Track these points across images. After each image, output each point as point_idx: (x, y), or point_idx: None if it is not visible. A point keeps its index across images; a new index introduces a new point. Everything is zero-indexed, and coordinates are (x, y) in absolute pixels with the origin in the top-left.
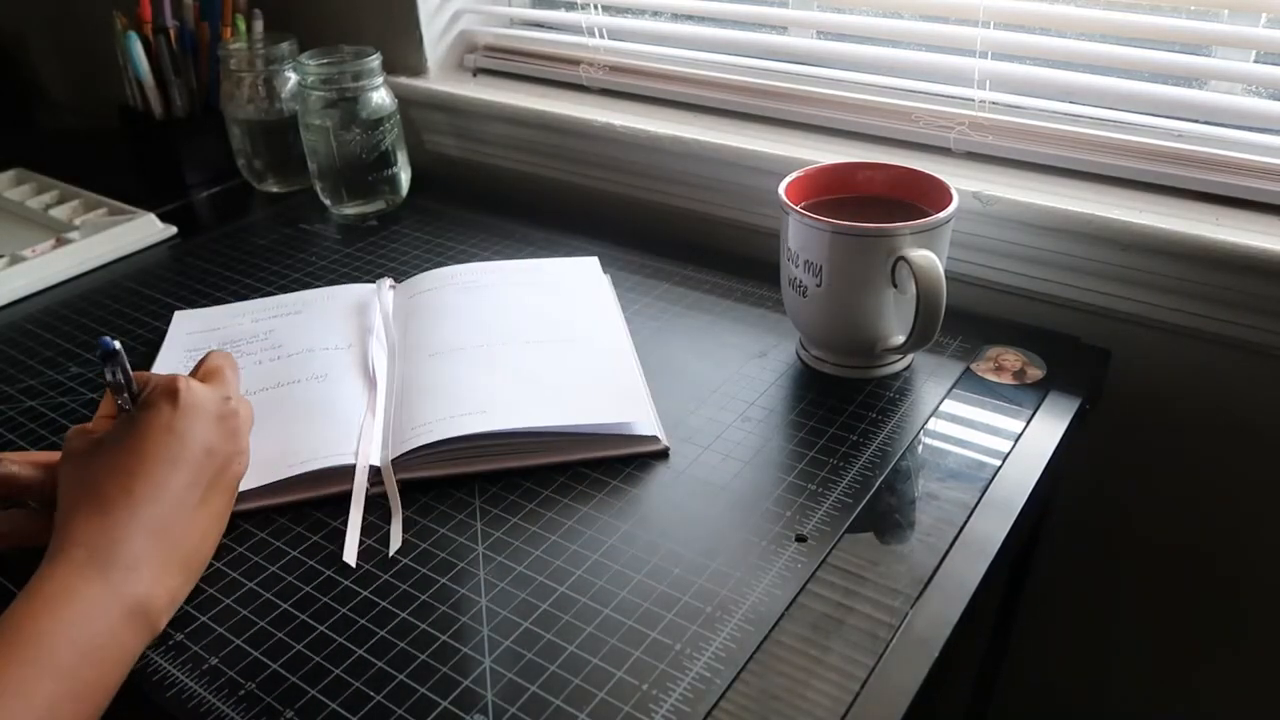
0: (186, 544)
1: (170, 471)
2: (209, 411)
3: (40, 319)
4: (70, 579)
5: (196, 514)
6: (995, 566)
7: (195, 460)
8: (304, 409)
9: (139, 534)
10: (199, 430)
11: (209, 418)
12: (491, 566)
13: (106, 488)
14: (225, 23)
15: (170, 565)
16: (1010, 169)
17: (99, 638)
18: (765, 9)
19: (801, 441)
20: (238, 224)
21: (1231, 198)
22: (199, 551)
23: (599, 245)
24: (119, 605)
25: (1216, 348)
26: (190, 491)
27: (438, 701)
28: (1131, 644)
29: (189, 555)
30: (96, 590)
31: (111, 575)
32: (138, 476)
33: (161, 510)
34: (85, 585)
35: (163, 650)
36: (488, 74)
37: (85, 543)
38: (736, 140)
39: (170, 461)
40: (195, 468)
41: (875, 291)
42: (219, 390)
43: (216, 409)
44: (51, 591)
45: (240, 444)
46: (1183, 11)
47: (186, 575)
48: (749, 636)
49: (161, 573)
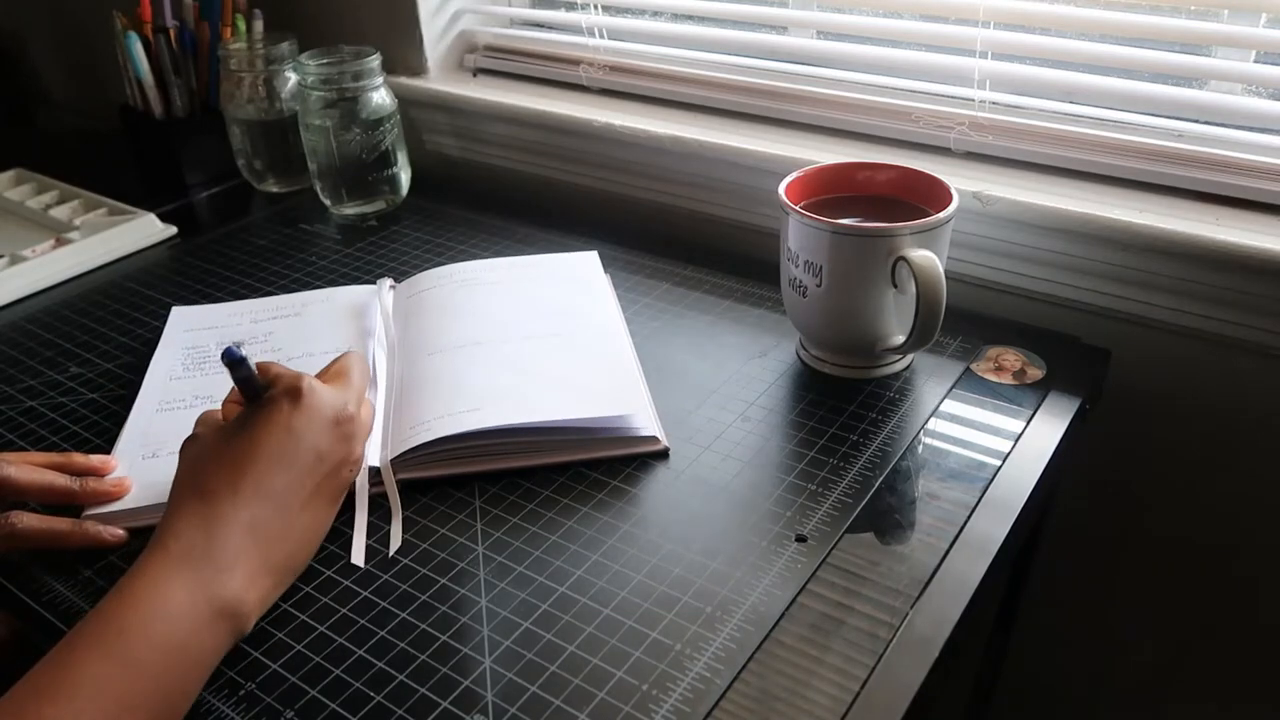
0: (285, 546)
1: (279, 471)
2: (326, 415)
3: (40, 319)
4: (160, 575)
5: (299, 517)
6: (995, 566)
7: (305, 463)
8: None
9: (238, 532)
10: (313, 433)
11: (326, 421)
12: (491, 567)
13: (214, 481)
14: (225, 23)
15: (265, 567)
16: (1010, 169)
17: (182, 636)
18: (765, 9)
19: (801, 441)
20: (238, 224)
21: (1231, 198)
22: (296, 555)
23: (599, 245)
24: (208, 605)
25: (1216, 348)
26: (295, 494)
27: (438, 702)
28: (1131, 643)
29: (286, 558)
30: (186, 588)
31: (204, 572)
32: (246, 474)
33: (264, 511)
34: (175, 582)
35: None
36: (488, 74)
37: (183, 535)
38: (736, 140)
39: (280, 460)
40: (303, 470)
41: (875, 291)
42: (342, 394)
43: (335, 413)
44: (140, 586)
45: (354, 451)
46: (1183, 11)
47: (280, 578)
48: (749, 636)
49: (256, 574)
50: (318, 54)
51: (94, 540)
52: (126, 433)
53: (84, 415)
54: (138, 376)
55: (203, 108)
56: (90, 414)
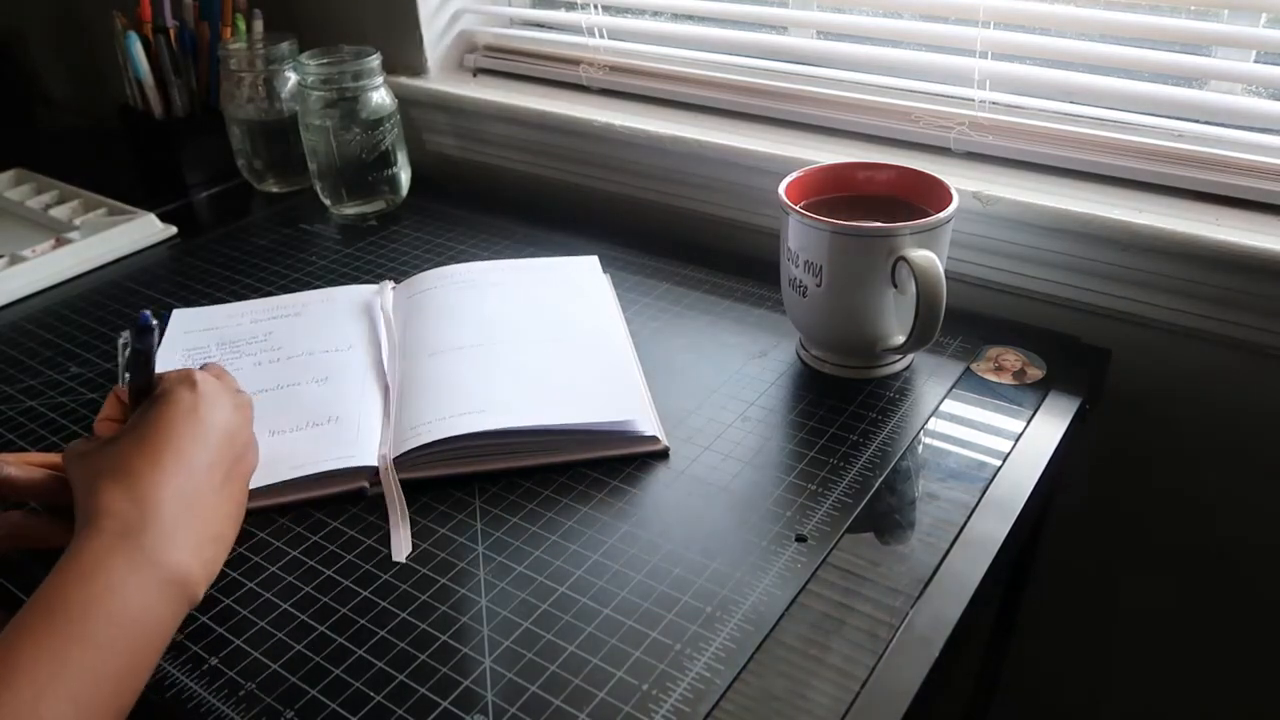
0: (215, 521)
1: (196, 449)
2: (227, 399)
3: (40, 319)
4: (102, 550)
5: (220, 495)
6: (995, 566)
7: (218, 443)
8: (305, 411)
9: (170, 502)
10: (220, 415)
11: (228, 405)
12: (491, 566)
13: (132, 462)
14: (225, 23)
15: (204, 536)
16: (1010, 169)
17: (134, 609)
18: (765, 9)
19: (802, 441)
20: (238, 224)
21: (1231, 198)
22: (225, 532)
23: (599, 245)
24: (154, 574)
25: (1216, 348)
26: (213, 472)
27: (438, 702)
28: (1131, 643)
29: (219, 532)
30: (131, 560)
31: (144, 542)
32: (165, 451)
33: (190, 483)
34: (118, 555)
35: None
36: (488, 74)
37: (115, 512)
38: (736, 140)
39: (195, 440)
40: (217, 449)
41: (875, 291)
42: (229, 380)
43: (232, 398)
44: (83, 563)
45: (250, 436)
46: (1183, 11)
47: (219, 548)
48: (749, 636)
49: (197, 542)
50: (318, 54)
51: None
52: None
53: (84, 415)
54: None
55: (203, 108)
56: (90, 414)
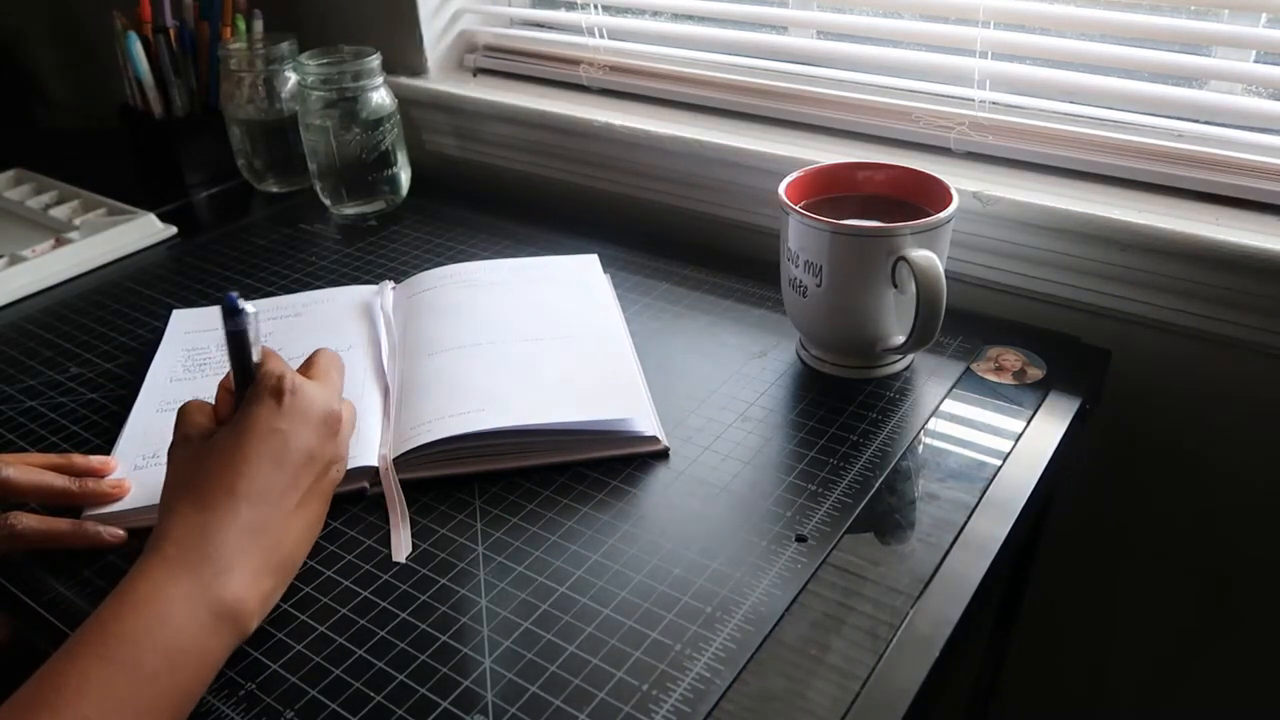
0: (282, 548)
1: (272, 472)
2: (314, 415)
3: (40, 319)
4: (160, 580)
5: (293, 518)
6: (995, 566)
7: (296, 464)
8: None
9: (235, 534)
10: (302, 433)
11: (313, 421)
12: (491, 567)
13: (207, 484)
14: (225, 23)
15: (265, 567)
16: (1010, 169)
17: (185, 641)
18: (765, 9)
19: (801, 441)
20: (238, 224)
21: (1231, 198)
22: (293, 556)
23: (599, 245)
24: (208, 608)
25: (1216, 348)
26: (290, 494)
27: (438, 702)
28: (1131, 643)
29: (284, 559)
30: (187, 592)
31: (203, 575)
32: (241, 475)
33: (260, 512)
34: (174, 584)
35: None
36: (488, 74)
37: (180, 540)
38: (736, 140)
39: (272, 461)
40: (296, 470)
41: (875, 291)
42: (326, 392)
43: (321, 412)
44: (140, 592)
45: (340, 450)
46: (1183, 11)
47: (280, 578)
48: (749, 636)
49: (256, 575)
50: (318, 54)
51: (94, 541)
52: (126, 433)
53: (84, 415)
54: (138, 377)
55: (203, 108)
56: (90, 414)
